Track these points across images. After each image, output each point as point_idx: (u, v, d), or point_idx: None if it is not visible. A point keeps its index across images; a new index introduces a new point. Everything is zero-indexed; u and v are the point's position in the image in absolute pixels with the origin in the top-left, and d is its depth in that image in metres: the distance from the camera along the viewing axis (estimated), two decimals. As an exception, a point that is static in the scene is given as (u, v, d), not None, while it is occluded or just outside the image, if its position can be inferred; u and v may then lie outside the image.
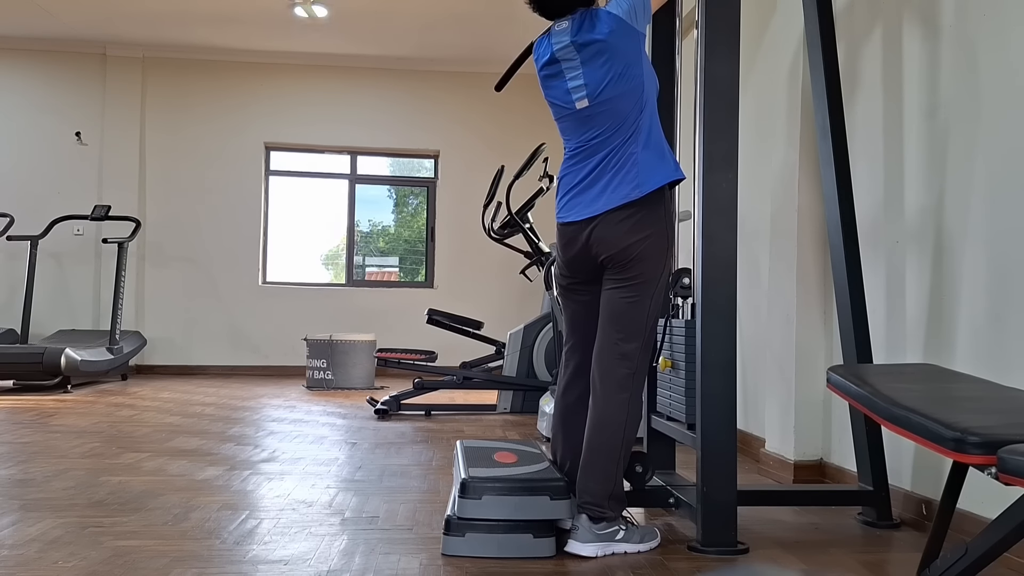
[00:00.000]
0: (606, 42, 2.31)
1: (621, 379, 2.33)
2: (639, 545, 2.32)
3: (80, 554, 2.20)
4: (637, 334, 2.34)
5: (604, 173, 2.35)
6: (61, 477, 3.20)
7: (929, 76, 2.67)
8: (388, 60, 8.39)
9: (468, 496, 2.27)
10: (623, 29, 2.31)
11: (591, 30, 2.33)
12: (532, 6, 2.44)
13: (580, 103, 2.37)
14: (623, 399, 2.32)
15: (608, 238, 2.32)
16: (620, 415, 2.32)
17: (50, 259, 8.04)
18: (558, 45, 2.39)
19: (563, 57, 2.39)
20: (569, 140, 2.45)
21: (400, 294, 8.47)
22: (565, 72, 2.39)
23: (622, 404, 2.32)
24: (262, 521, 2.60)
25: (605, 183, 2.35)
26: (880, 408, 1.54)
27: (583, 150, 2.40)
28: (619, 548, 2.30)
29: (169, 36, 7.82)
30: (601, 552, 2.28)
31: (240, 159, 8.33)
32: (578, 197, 2.40)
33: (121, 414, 5.10)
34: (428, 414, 5.42)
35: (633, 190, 2.30)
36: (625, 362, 2.33)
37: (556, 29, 2.41)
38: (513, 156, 8.15)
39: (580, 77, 2.36)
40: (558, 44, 2.39)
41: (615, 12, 2.32)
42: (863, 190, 3.04)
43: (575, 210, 2.40)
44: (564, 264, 2.48)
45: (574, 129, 2.42)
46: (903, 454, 2.77)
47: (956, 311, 2.51)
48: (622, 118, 2.34)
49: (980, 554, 1.39)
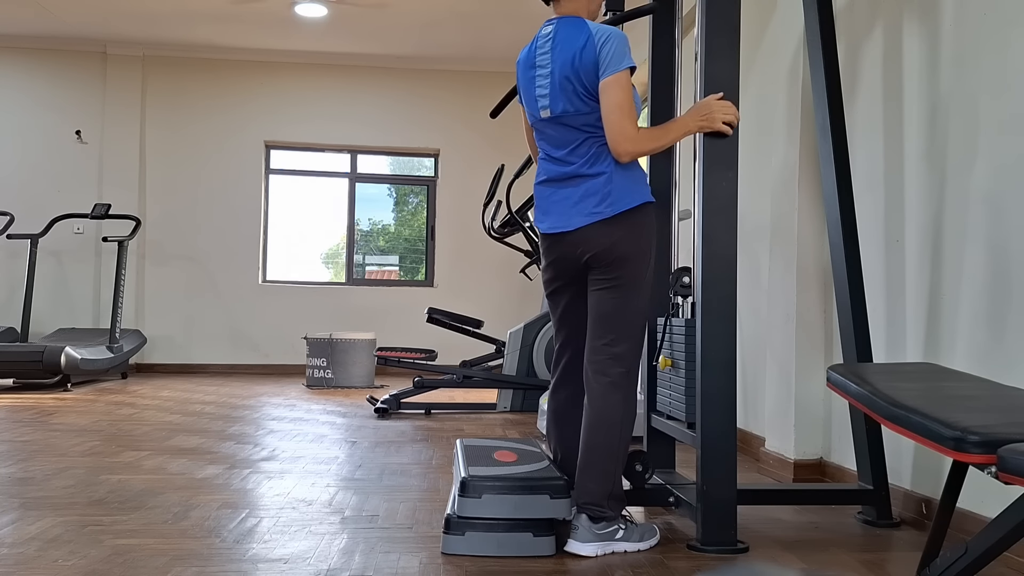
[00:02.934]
0: (574, 64, 2.31)
1: (615, 379, 2.34)
2: (639, 544, 2.33)
3: (80, 552, 2.21)
4: (627, 334, 2.34)
5: (575, 188, 2.36)
6: (61, 475, 3.20)
7: (929, 75, 2.67)
8: (388, 58, 8.39)
9: (468, 495, 2.27)
10: (594, 65, 2.29)
11: (567, 46, 2.32)
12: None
13: (543, 112, 2.39)
14: (618, 399, 2.33)
15: (592, 237, 2.34)
16: (615, 414, 2.32)
17: (50, 257, 8.04)
18: (540, 52, 2.40)
19: (539, 63, 2.39)
20: (540, 147, 2.47)
21: (400, 293, 8.47)
22: (536, 79, 2.39)
23: (617, 404, 2.33)
24: (262, 520, 2.60)
25: (577, 199, 2.35)
26: (880, 407, 1.54)
27: (552, 160, 2.42)
28: (619, 547, 2.31)
29: (169, 34, 7.82)
30: (601, 551, 2.29)
31: (240, 157, 8.33)
32: (552, 208, 2.41)
33: (121, 412, 5.10)
34: (428, 413, 5.42)
35: (606, 208, 2.31)
36: (617, 362, 2.34)
37: (541, 34, 2.42)
38: (513, 155, 8.14)
39: (547, 87, 2.36)
40: (540, 51, 2.40)
41: (597, 45, 2.29)
42: (863, 190, 3.04)
43: (548, 221, 2.42)
44: (548, 265, 2.49)
45: (543, 137, 2.44)
46: (903, 453, 2.77)
47: (956, 311, 2.51)
48: (586, 135, 2.34)
49: (980, 553, 1.39)
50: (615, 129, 2.26)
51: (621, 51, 2.27)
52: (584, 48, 2.29)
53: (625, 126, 2.25)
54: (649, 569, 2.17)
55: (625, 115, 2.25)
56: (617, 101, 2.25)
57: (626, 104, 2.25)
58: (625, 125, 2.26)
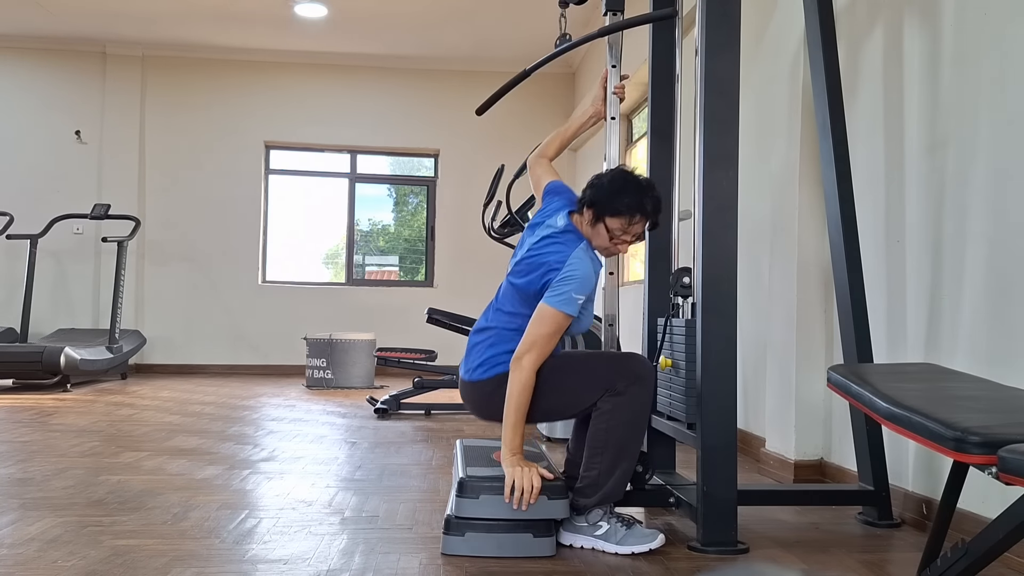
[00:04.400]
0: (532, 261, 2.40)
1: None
2: (617, 547, 2.30)
3: (79, 553, 2.20)
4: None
5: (487, 341, 2.43)
6: (60, 476, 3.19)
7: (930, 75, 2.67)
8: (388, 59, 8.38)
9: (466, 495, 2.27)
10: (543, 278, 2.35)
11: (550, 255, 2.38)
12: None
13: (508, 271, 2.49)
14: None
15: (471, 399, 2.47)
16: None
17: (50, 258, 8.04)
18: (544, 227, 2.47)
19: (536, 234, 2.48)
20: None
21: (400, 293, 8.47)
22: (527, 240, 2.48)
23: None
24: (261, 520, 2.60)
25: (481, 350, 2.43)
26: (880, 408, 1.54)
27: (491, 308, 2.51)
28: (599, 544, 2.32)
29: (169, 34, 7.82)
30: (576, 543, 2.33)
31: (240, 158, 8.33)
32: (470, 348, 2.49)
33: (120, 413, 5.09)
34: (428, 413, 5.42)
35: (485, 372, 2.40)
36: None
37: (556, 222, 2.48)
38: (513, 155, 8.13)
39: (517, 255, 2.48)
40: (545, 227, 2.47)
41: (557, 269, 2.34)
42: (863, 190, 3.04)
43: (463, 363, 2.50)
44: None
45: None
46: (903, 454, 2.77)
47: (956, 311, 2.50)
48: (515, 313, 2.41)
49: (980, 554, 1.39)
50: (525, 343, 2.30)
51: (571, 291, 2.31)
52: (551, 269, 2.35)
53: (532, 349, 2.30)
54: (649, 569, 2.17)
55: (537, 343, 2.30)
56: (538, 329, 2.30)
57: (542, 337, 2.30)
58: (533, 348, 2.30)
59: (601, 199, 2.38)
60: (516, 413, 2.26)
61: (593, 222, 2.40)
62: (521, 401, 2.26)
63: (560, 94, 8.68)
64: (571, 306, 2.29)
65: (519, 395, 2.26)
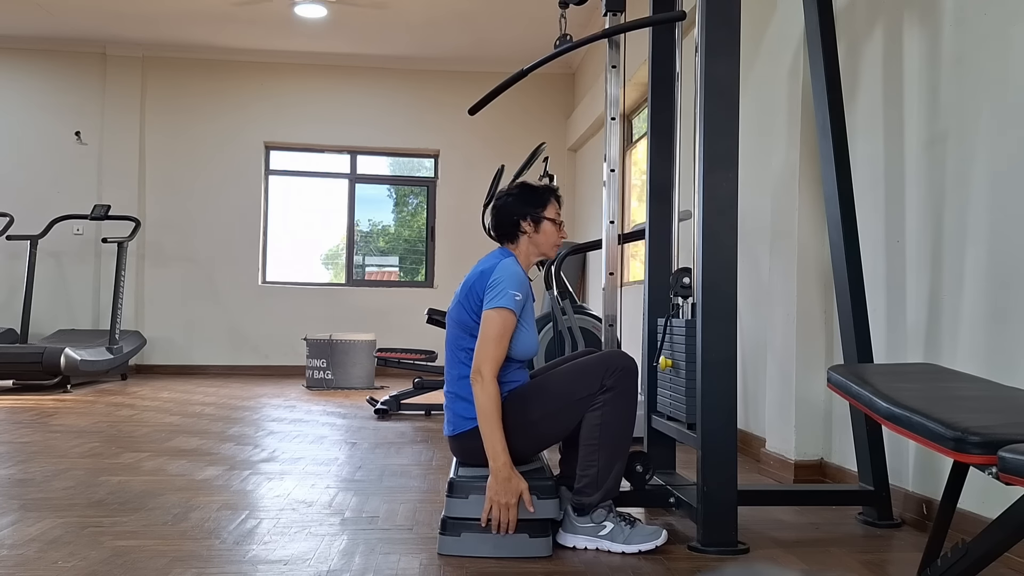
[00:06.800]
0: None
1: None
2: (623, 546, 2.30)
3: (80, 554, 2.20)
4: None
5: (448, 401, 2.47)
6: (61, 477, 3.19)
7: (930, 75, 2.67)
8: (388, 59, 8.38)
9: (455, 495, 2.28)
10: (477, 296, 2.40)
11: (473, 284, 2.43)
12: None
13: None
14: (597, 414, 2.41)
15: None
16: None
17: (50, 259, 8.04)
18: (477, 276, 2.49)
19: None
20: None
21: (400, 293, 8.47)
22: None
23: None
24: (262, 521, 2.60)
25: (448, 410, 2.47)
26: (880, 408, 1.54)
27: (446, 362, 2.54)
28: (603, 545, 2.32)
29: (169, 35, 7.82)
30: (580, 545, 2.32)
31: (240, 158, 8.33)
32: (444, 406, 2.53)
33: (121, 414, 5.09)
34: (428, 414, 5.42)
35: (454, 428, 2.42)
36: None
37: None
38: (513, 155, 8.13)
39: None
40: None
41: (485, 281, 2.39)
42: (863, 190, 3.04)
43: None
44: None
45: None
46: (903, 454, 2.77)
47: (956, 311, 2.50)
48: (461, 348, 2.43)
49: (980, 554, 1.39)
50: (478, 356, 2.32)
51: (505, 288, 2.34)
52: (480, 281, 2.40)
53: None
54: (649, 569, 2.17)
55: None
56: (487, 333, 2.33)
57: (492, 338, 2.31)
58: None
59: (528, 204, 2.50)
60: (491, 425, 2.27)
61: (536, 226, 2.49)
62: (493, 413, 2.27)
63: (560, 94, 8.68)
64: (509, 300, 2.32)
65: (488, 408, 2.27)
